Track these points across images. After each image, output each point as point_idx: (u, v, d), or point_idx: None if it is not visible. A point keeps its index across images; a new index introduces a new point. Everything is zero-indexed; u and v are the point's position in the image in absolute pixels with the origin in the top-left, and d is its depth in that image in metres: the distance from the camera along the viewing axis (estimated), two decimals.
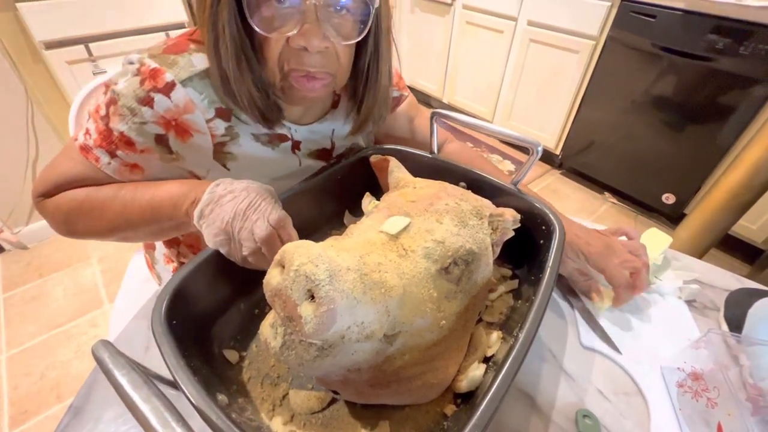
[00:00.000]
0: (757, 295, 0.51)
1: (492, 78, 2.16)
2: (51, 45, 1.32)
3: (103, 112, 0.47)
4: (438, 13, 2.28)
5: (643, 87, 1.61)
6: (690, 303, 0.55)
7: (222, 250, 0.40)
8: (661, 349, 0.49)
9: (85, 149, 0.48)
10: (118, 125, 0.46)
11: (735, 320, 0.50)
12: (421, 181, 0.48)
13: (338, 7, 0.42)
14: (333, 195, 0.56)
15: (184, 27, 1.57)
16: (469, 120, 0.52)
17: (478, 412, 0.29)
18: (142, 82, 0.44)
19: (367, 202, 0.57)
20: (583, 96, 1.82)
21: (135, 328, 0.50)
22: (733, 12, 1.30)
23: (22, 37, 1.30)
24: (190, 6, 1.59)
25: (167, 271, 0.75)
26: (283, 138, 0.55)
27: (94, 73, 1.43)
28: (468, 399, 0.38)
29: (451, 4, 2.17)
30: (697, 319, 0.53)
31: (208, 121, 0.48)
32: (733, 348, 0.45)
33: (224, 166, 0.52)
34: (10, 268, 1.53)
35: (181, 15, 1.56)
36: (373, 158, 0.55)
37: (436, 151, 0.57)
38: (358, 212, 0.58)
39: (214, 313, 0.42)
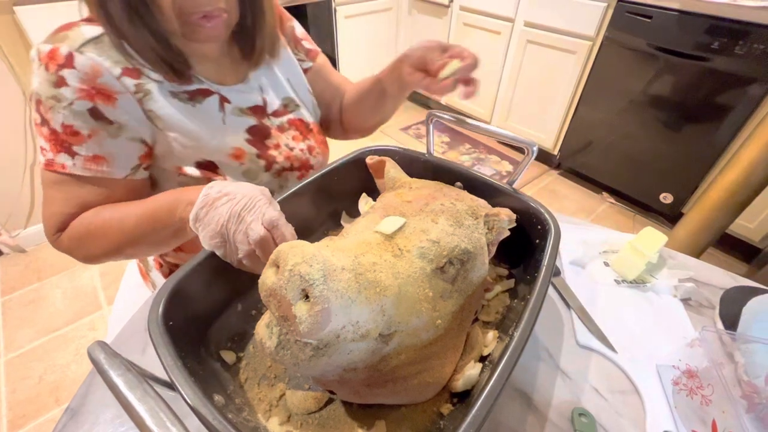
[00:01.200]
0: (752, 292, 0.51)
1: (490, 79, 2.16)
2: None
3: (39, 119, 0.48)
4: (435, 15, 2.29)
5: (640, 87, 1.62)
6: (685, 301, 0.55)
7: (218, 253, 0.40)
8: (657, 347, 0.49)
9: (49, 164, 0.48)
10: (55, 119, 0.47)
11: (730, 318, 0.50)
12: (416, 182, 0.48)
13: None
14: (330, 196, 0.56)
15: None
16: (465, 120, 0.52)
17: (474, 411, 0.29)
18: (47, 68, 0.46)
19: (364, 202, 0.57)
20: (581, 96, 1.83)
21: (132, 329, 0.50)
22: (728, 12, 1.31)
23: (19, 39, 1.30)
24: None
25: (160, 276, 0.75)
26: (206, 92, 0.55)
27: None
28: (464, 398, 0.38)
29: (448, 6, 2.18)
30: (692, 317, 0.53)
31: (117, 78, 0.48)
32: (727, 345, 0.45)
33: (156, 126, 0.52)
34: (8, 272, 1.53)
35: None
36: (369, 159, 0.55)
37: (432, 151, 0.57)
38: (354, 213, 0.58)
39: (211, 315, 0.42)
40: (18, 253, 1.60)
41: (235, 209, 0.39)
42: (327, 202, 0.57)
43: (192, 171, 0.55)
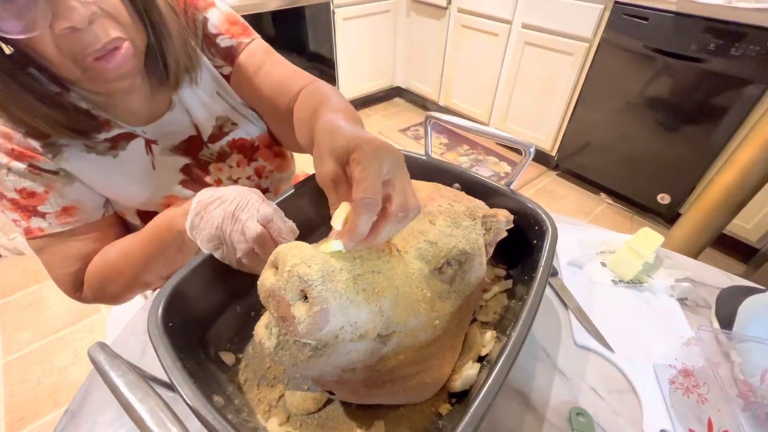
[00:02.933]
0: (748, 292, 0.51)
1: (487, 80, 2.17)
2: None
3: None
4: (434, 17, 2.29)
5: (637, 88, 1.63)
6: (682, 301, 0.56)
7: (216, 255, 0.40)
8: (654, 346, 0.49)
9: (28, 232, 0.47)
10: (7, 188, 0.45)
11: (726, 317, 0.50)
12: (415, 183, 0.49)
13: None
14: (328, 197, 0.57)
15: None
16: (462, 122, 0.52)
17: (471, 411, 0.29)
18: None
19: None
20: (578, 98, 1.84)
21: (131, 331, 0.51)
22: (723, 14, 1.32)
23: None
24: None
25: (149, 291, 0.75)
26: (129, 137, 0.50)
27: None
28: (463, 398, 0.38)
29: (446, 8, 2.18)
30: (688, 317, 0.53)
31: (23, 138, 0.44)
32: (723, 345, 0.45)
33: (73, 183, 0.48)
34: (6, 274, 1.52)
35: None
36: None
37: (430, 152, 0.58)
38: None
39: (210, 316, 0.43)
40: (16, 255, 1.59)
41: (228, 209, 0.39)
42: (326, 204, 0.57)
43: (133, 221, 0.53)
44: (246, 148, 0.59)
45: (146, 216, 0.52)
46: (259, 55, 0.56)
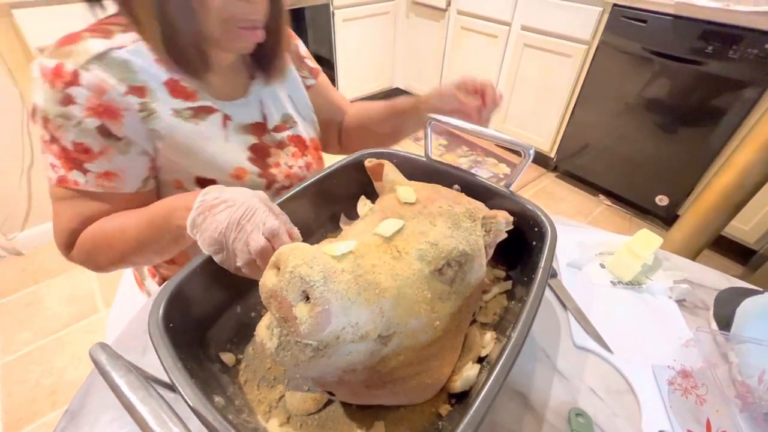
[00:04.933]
0: (746, 294, 0.52)
1: None
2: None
3: (47, 137, 0.47)
4: (433, 19, 2.30)
5: (636, 90, 1.63)
6: (680, 302, 0.56)
7: (215, 258, 0.40)
8: (652, 347, 0.49)
9: (62, 181, 0.48)
10: (65, 137, 0.47)
11: (724, 319, 0.50)
12: (415, 184, 0.49)
13: None
14: (328, 198, 0.57)
15: None
16: (462, 124, 0.52)
17: (471, 411, 0.29)
18: (53, 85, 0.45)
19: (362, 205, 0.57)
20: (577, 99, 1.84)
21: (131, 332, 0.51)
22: (721, 17, 1.32)
23: (17, 42, 1.30)
24: None
25: (154, 285, 0.75)
26: (209, 110, 0.55)
27: None
28: (462, 399, 0.39)
29: (445, 10, 2.19)
30: (687, 318, 0.53)
31: (122, 95, 0.48)
32: (721, 346, 0.46)
33: (157, 144, 0.52)
34: (4, 275, 1.52)
35: None
36: (368, 162, 0.56)
37: (430, 153, 0.58)
38: (353, 215, 0.59)
39: (210, 317, 0.43)
40: (15, 255, 1.59)
41: (234, 217, 0.39)
42: (326, 204, 0.57)
43: (191, 187, 0.55)
44: (300, 144, 0.67)
45: (206, 184, 0.55)
46: (327, 81, 0.78)
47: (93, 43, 0.47)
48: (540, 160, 2.17)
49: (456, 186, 0.54)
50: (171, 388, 0.30)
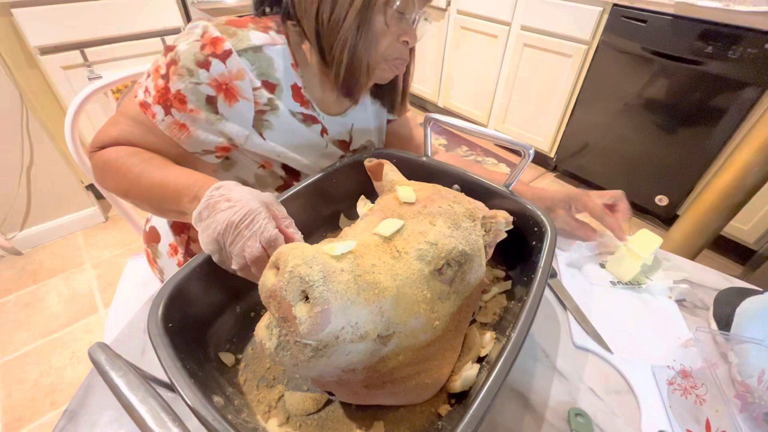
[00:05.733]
0: (745, 293, 0.52)
1: (487, 82, 2.18)
2: (46, 50, 1.33)
3: (163, 71, 0.51)
4: (433, 19, 2.30)
5: (636, 90, 1.63)
6: (680, 302, 0.56)
7: (213, 258, 0.40)
8: (652, 347, 0.49)
9: (144, 106, 0.52)
10: (176, 84, 0.50)
11: (724, 319, 0.50)
12: (414, 184, 0.49)
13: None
14: (328, 198, 0.57)
15: (180, 32, 1.58)
16: (462, 124, 0.52)
17: (471, 411, 0.29)
18: (202, 47, 0.50)
19: (362, 205, 0.57)
20: (577, 99, 1.84)
21: (131, 332, 0.50)
22: (721, 17, 1.32)
23: (17, 42, 1.30)
24: (185, 9, 1.60)
25: (172, 264, 0.73)
26: (314, 120, 0.62)
27: (89, 78, 1.43)
28: (462, 399, 0.39)
29: (445, 9, 2.19)
30: (687, 318, 0.53)
31: (254, 89, 0.53)
32: (721, 346, 0.45)
33: (260, 134, 0.57)
34: (3, 274, 1.52)
35: (177, 20, 1.57)
36: (367, 162, 0.56)
37: (429, 155, 0.58)
38: (353, 215, 0.59)
39: (210, 316, 0.43)
40: (14, 255, 1.59)
41: (232, 219, 0.38)
42: (325, 204, 0.57)
43: (277, 170, 0.63)
44: None
45: (291, 171, 0.64)
46: (413, 118, 0.81)
47: (255, 35, 0.53)
48: (540, 159, 2.17)
49: (456, 186, 0.54)
50: (170, 387, 0.30)
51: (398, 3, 0.50)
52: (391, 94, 0.68)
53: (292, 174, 0.64)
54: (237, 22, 0.53)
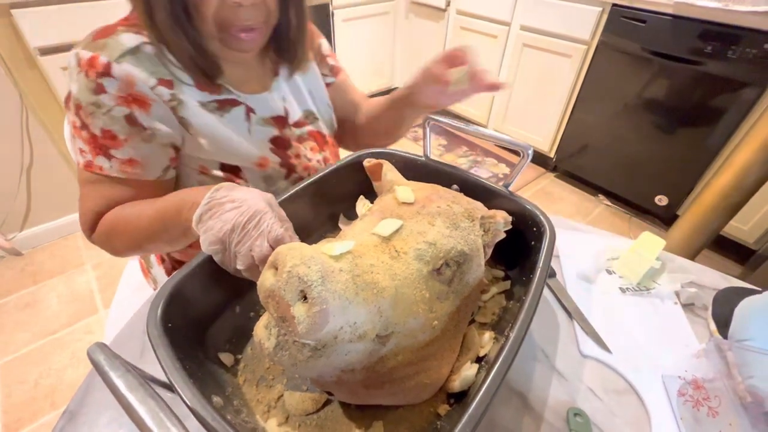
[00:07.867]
0: (744, 293, 0.52)
1: None
2: (46, 51, 1.32)
3: (78, 123, 0.50)
4: (432, 19, 2.30)
5: (635, 90, 1.63)
6: (688, 306, 0.55)
7: (215, 258, 0.40)
8: (660, 355, 0.49)
9: (88, 165, 0.51)
10: (94, 124, 0.49)
11: (722, 318, 0.50)
12: (413, 184, 0.49)
13: None
14: (327, 198, 0.57)
15: None
16: (461, 124, 0.52)
17: (470, 411, 0.29)
18: (87, 74, 0.48)
19: (361, 205, 0.57)
20: (576, 99, 1.84)
21: (130, 332, 0.51)
22: (720, 17, 1.32)
23: (16, 43, 1.30)
24: None
25: (161, 273, 0.75)
26: (233, 102, 0.58)
27: None
28: (461, 399, 0.39)
29: (445, 10, 2.19)
30: (694, 323, 0.53)
31: (152, 88, 0.51)
32: (730, 359, 0.44)
33: (188, 131, 0.55)
34: (3, 275, 1.52)
35: None
36: (366, 162, 0.56)
37: (429, 154, 0.58)
38: (352, 215, 0.59)
39: (209, 317, 0.43)
40: (14, 256, 1.59)
41: (240, 220, 0.38)
42: (325, 204, 0.57)
43: (216, 172, 0.58)
44: (320, 139, 0.70)
45: (230, 170, 0.59)
46: (348, 80, 0.78)
47: (126, 37, 0.50)
48: (539, 160, 2.17)
49: (455, 186, 0.54)
50: (169, 388, 0.30)
51: None
52: (284, 50, 0.62)
53: (231, 171, 0.59)
54: (104, 31, 0.50)
